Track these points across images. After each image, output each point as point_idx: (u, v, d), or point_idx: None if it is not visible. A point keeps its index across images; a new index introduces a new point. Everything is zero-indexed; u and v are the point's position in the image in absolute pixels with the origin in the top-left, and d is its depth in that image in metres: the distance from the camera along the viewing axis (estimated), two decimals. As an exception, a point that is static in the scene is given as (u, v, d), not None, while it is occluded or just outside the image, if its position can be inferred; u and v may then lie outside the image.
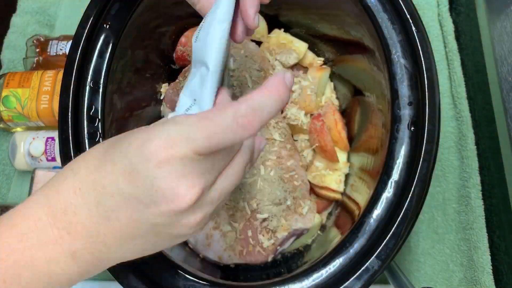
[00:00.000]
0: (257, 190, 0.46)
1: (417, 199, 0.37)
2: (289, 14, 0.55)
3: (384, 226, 0.37)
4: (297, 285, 0.37)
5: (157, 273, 0.38)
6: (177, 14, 0.53)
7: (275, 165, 0.47)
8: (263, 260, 0.47)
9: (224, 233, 0.46)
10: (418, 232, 0.56)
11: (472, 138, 0.57)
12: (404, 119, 0.39)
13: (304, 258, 0.48)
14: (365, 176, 0.45)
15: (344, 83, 0.55)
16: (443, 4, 0.63)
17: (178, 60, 0.57)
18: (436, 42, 0.62)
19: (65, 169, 0.27)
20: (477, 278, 0.53)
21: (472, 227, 0.54)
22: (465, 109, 0.59)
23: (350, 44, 0.50)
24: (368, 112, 0.48)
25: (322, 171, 0.51)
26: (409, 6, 0.41)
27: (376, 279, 0.36)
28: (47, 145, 0.57)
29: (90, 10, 0.43)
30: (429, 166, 0.37)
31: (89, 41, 0.43)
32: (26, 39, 0.64)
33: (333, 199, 0.52)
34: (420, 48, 0.40)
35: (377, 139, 0.44)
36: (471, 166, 0.56)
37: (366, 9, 0.42)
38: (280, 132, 0.49)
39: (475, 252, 0.54)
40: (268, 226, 0.46)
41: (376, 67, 0.43)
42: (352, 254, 0.37)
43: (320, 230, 0.51)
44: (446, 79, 0.61)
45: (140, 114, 0.51)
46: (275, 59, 0.56)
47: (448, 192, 0.57)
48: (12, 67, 0.66)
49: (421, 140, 0.38)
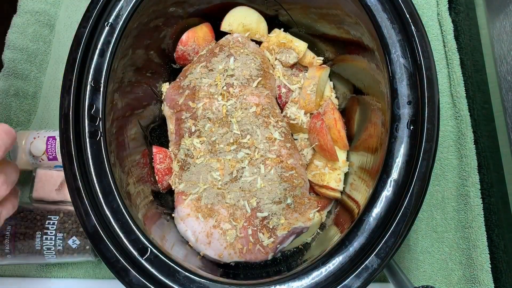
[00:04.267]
0: (257, 189, 0.46)
1: (416, 197, 0.37)
2: (289, 13, 0.55)
3: (384, 224, 0.37)
4: (297, 283, 0.37)
5: (158, 271, 0.38)
6: (178, 14, 0.53)
7: (275, 164, 0.47)
8: (263, 258, 0.47)
9: (224, 232, 0.46)
10: (417, 231, 0.56)
11: (471, 137, 0.58)
12: (403, 118, 0.39)
13: (303, 256, 0.48)
14: (365, 175, 0.46)
15: (344, 82, 0.55)
16: (443, 4, 0.63)
17: (179, 60, 0.57)
18: (435, 41, 0.63)
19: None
20: (476, 276, 0.53)
21: (471, 226, 0.55)
22: (464, 108, 0.59)
23: (349, 44, 0.50)
24: (368, 111, 0.48)
25: (321, 169, 0.52)
26: (408, 6, 0.41)
27: (376, 277, 0.36)
28: (48, 145, 0.57)
29: (91, 10, 0.44)
30: (428, 164, 0.37)
31: (90, 40, 0.43)
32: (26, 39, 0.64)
33: (333, 198, 0.52)
34: (420, 48, 0.40)
35: (376, 138, 0.44)
36: (470, 165, 0.56)
37: (365, 9, 0.42)
38: (280, 131, 0.49)
39: (474, 250, 0.54)
40: (268, 225, 0.46)
41: (376, 66, 0.44)
42: (352, 253, 0.37)
43: (319, 228, 0.51)
44: (445, 78, 0.61)
45: (140, 113, 0.52)
46: (275, 58, 0.56)
47: (447, 191, 0.57)
48: (12, 67, 0.66)
49: (420, 139, 0.38)
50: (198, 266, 0.42)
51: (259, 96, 0.51)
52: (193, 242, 0.47)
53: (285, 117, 0.54)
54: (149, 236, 0.40)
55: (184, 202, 0.48)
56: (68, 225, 0.52)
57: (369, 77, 0.46)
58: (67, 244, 0.52)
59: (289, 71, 0.57)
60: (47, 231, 0.51)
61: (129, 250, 0.39)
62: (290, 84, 0.56)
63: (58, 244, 0.51)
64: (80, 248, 0.52)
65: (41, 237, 0.51)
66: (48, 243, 0.51)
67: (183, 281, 0.38)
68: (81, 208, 0.39)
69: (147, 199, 0.48)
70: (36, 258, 0.52)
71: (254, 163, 0.47)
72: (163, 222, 0.48)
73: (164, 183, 0.52)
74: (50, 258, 0.52)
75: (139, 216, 0.43)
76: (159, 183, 0.52)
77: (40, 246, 0.51)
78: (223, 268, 0.47)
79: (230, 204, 0.47)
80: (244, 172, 0.47)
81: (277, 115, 0.51)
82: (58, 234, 0.51)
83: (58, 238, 0.51)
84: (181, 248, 0.46)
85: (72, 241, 0.52)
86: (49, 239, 0.51)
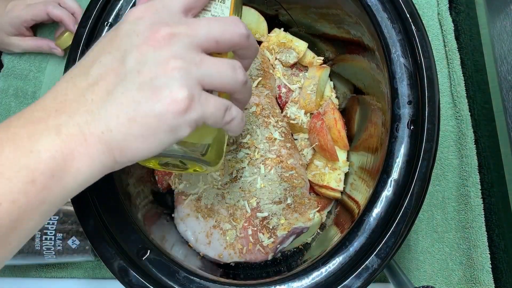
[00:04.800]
0: (257, 189, 0.46)
1: (417, 197, 0.37)
2: (289, 13, 0.55)
3: (384, 224, 0.37)
4: (297, 283, 0.37)
5: (158, 271, 0.38)
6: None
7: (275, 164, 0.47)
8: (263, 258, 0.47)
9: (224, 232, 0.46)
10: (418, 231, 0.56)
11: (472, 137, 0.58)
12: (403, 118, 0.39)
13: (304, 257, 0.48)
14: (365, 175, 0.45)
15: (344, 82, 0.55)
16: (443, 3, 0.63)
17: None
18: (435, 41, 0.63)
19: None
20: (476, 277, 0.53)
21: (472, 226, 0.55)
22: (464, 108, 0.59)
23: (349, 43, 0.50)
24: (368, 111, 0.48)
25: (322, 169, 0.52)
26: (408, 5, 0.41)
27: (376, 278, 0.36)
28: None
29: (90, 9, 0.43)
30: (428, 164, 0.37)
31: (89, 40, 0.43)
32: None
33: (333, 198, 0.52)
34: (420, 47, 0.40)
35: (376, 138, 0.44)
36: (471, 165, 0.56)
37: (366, 8, 0.42)
38: (280, 131, 0.49)
39: (474, 250, 0.54)
40: (268, 225, 0.46)
41: (376, 66, 0.44)
42: (352, 253, 0.37)
43: (320, 228, 0.51)
44: (445, 78, 0.61)
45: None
46: (275, 58, 0.56)
47: (447, 191, 0.57)
48: (11, 67, 0.66)
49: (420, 139, 0.38)
50: (198, 266, 0.42)
51: (259, 96, 0.51)
52: (193, 242, 0.47)
53: (285, 117, 0.54)
54: (149, 236, 0.40)
55: (184, 202, 0.48)
56: (67, 225, 0.52)
57: (369, 77, 0.46)
58: (67, 244, 0.52)
59: (289, 71, 0.57)
60: (47, 231, 0.51)
61: (129, 250, 0.39)
62: (290, 84, 0.55)
63: (57, 244, 0.51)
64: (79, 248, 0.52)
65: (40, 237, 0.51)
66: (48, 243, 0.51)
67: (183, 281, 0.38)
68: (81, 208, 0.39)
69: (147, 199, 0.48)
70: (35, 258, 0.52)
71: (254, 163, 0.47)
72: (163, 222, 0.48)
73: (164, 183, 0.52)
74: (50, 258, 0.52)
75: (139, 216, 0.43)
76: (159, 183, 0.52)
77: (40, 246, 0.51)
78: (223, 268, 0.47)
79: (230, 204, 0.47)
80: (244, 172, 0.47)
81: (277, 115, 0.51)
82: (58, 234, 0.51)
83: (58, 238, 0.51)
84: (181, 248, 0.46)
85: (72, 241, 0.52)
86: (48, 239, 0.51)
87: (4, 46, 0.65)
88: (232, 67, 0.29)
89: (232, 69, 0.29)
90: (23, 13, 0.61)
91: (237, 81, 0.29)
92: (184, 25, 0.28)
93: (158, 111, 0.26)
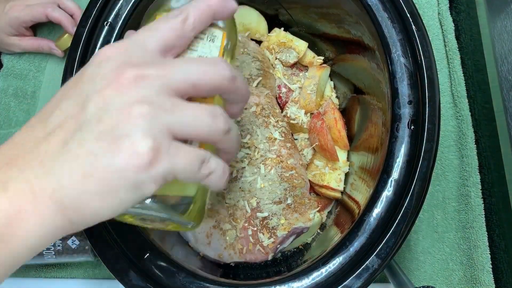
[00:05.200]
0: (257, 189, 0.46)
1: (417, 197, 0.37)
2: (289, 13, 0.55)
3: (384, 224, 0.37)
4: (297, 283, 0.37)
5: (158, 271, 0.38)
6: (177, 13, 0.53)
7: (275, 164, 0.47)
8: (263, 258, 0.47)
9: (224, 232, 0.46)
10: (418, 231, 0.56)
11: (472, 136, 0.58)
12: (404, 117, 0.39)
13: (304, 257, 0.48)
14: (365, 175, 0.45)
15: (344, 82, 0.55)
16: (443, 3, 0.63)
17: (178, 59, 0.57)
18: (436, 41, 0.62)
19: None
20: (476, 277, 0.53)
21: (472, 226, 0.54)
22: (465, 108, 0.59)
23: (350, 43, 0.50)
24: (368, 111, 0.48)
25: (322, 169, 0.51)
26: (409, 5, 0.41)
27: (376, 278, 0.36)
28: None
29: (90, 9, 0.43)
30: (429, 164, 0.37)
31: (89, 40, 0.43)
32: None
33: (333, 198, 0.52)
34: (420, 47, 0.40)
35: (377, 138, 0.44)
36: (471, 165, 0.56)
37: (366, 8, 0.42)
38: (280, 131, 0.49)
39: (475, 250, 0.54)
40: (268, 225, 0.46)
41: (376, 65, 0.44)
42: (352, 253, 0.37)
43: (320, 228, 0.51)
44: (446, 78, 0.61)
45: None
46: (275, 58, 0.56)
47: (448, 191, 0.57)
48: (11, 66, 0.66)
49: (421, 139, 0.38)
50: (198, 266, 0.42)
51: (259, 96, 0.51)
52: (193, 242, 0.47)
53: (285, 117, 0.54)
54: (149, 237, 0.40)
55: (184, 202, 0.48)
56: (67, 225, 0.52)
57: (370, 77, 0.46)
58: (67, 244, 0.51)
59: (289, 71, 0.57)
60: (47, 231, 0.51)
61: (129, 250, 0.39)
62: (290, 83, 0.55)
63: (57, 244, 0.51)
64: (79, 248, 0.52)
65: (40, 237, 0.51)
66: (48, 243, 0.51)
67: (182, 282, 0.38)
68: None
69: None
70: (35, 258, 0.52)
71: (254, 163, 0.47)
72: (162, 222, 0.48)
73: (163, 183, 0.51)
74: (50, 258, 0.52)
75: (139, 216, 0.43)
76: (159, 183, 0.52)
77: (40, 246, 0.51)
78: (223, 269, 0.47)
79: (230, 204, 0.47)
80: (244, 172, 0.47)
81: (277, 115, 0.51)
82: (58, 234, 0.51)
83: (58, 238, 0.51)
84: (181, 248, 0.46)
85: (72, 241, 0.52)
86: (48, 239, 0.51)
87: (4, 46, 0.65)
88: (211, 114, 0.26)
89: (210, 116, 0.25)
90: (22, 14, 0.60)
91: (216, 130, 0.26)
92: (157, 66, 0.25)
93: (118, 165, 0.23)
